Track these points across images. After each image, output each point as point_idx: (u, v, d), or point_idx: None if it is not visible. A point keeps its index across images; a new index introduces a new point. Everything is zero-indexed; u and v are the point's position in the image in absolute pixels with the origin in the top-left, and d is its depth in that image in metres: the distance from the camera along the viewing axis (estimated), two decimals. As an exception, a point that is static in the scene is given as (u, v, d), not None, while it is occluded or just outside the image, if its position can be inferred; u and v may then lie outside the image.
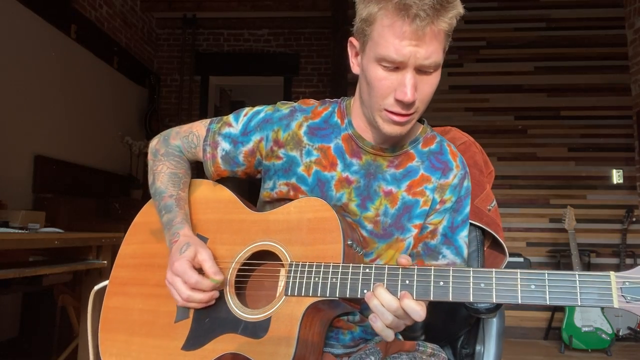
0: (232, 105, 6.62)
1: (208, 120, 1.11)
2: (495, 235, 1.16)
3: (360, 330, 1.00)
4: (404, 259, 0.79)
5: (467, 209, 1.04)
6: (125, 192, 4.45)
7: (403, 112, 0.88)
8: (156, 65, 5.32)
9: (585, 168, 4.27)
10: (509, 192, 4.29)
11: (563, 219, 3.79)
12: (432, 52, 0.84)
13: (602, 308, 3.58)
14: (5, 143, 3.03)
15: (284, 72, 5.20)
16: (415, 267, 0.78)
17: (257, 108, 1.07)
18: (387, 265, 0.80)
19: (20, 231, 1.94)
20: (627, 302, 0.67)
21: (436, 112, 4.45)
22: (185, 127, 1.12)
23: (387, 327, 0.77)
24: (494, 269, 0.74)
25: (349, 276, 0.82)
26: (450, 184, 1.01)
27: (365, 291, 0.80)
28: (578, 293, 0.69)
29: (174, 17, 5.23)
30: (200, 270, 0.90)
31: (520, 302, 0.71)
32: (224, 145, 1.06)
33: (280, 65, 5.20)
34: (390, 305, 0.75)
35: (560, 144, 4.32)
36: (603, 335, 3.53)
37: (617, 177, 4.21)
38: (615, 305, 0.67)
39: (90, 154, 3.99)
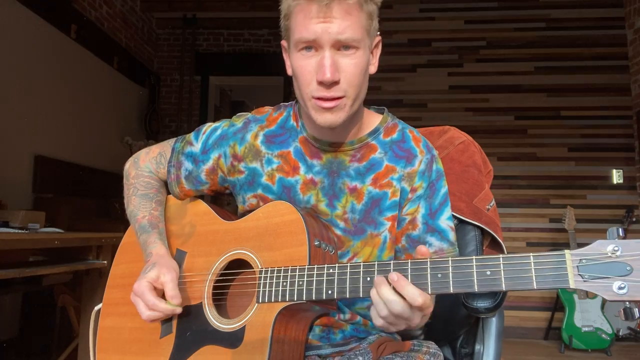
0: (232, 105, 6.62)
1: (174, 140, 1.12)
2: (494, 234, 1.16)
3: (351, 328, 0.99)
4: (424, 249, 0.77)
5: (443, 191, 1.01)
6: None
7: (328, 95, 0.86)
8: (156, 65, 5.32)
9: (585, 168, 4.27)
10: (509, 192, 4.29)
11: (563, 219, 3.79)
12: (346, 27, 0.83)
13: (602, 307, 3.58)
14: (5, 143, 3.03)
15: (284, 72, 5.14)
16: (376, 263, 0.77)
17: (215, 124, 1.08)
18: (349, 264, 0.79)
19: (20, 231, 1.94)
20: (584, 281, 0.63)
21: (436, 112, 4.45)
22: (154, 148, 1.14)
23: (380, 317, 0.75)
24: (450, 258, 0.72)
25: (314, 278, 0.81)
26: (417, 171, 0.98)
27: (329, 292, 0.79)
28: (533, 276, 0.66)
29: (174, 17, 5.23)
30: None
31: (477, 290, 0.69)
32: (187, 165, 1.07)
33: (280, 65, 5.08)
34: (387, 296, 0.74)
35: (560, 144, 4.32)
36: (603, 335, 3.52)
37: (617, 177, 4.21)
38: (572, 285, 0.63)
39: (90, 154, 3.99)
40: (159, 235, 1.02)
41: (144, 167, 1.12)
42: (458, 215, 1.15)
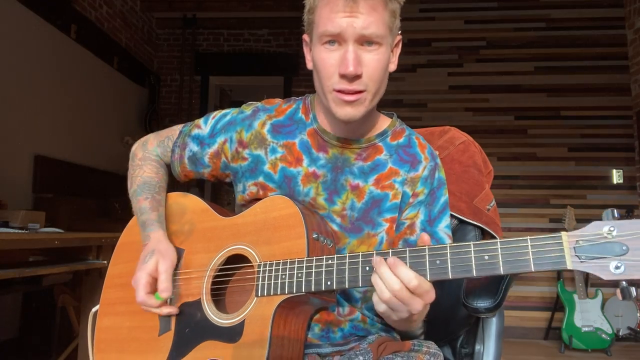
0: (232, 105, 6.62)
1: (182, 125, 1.14)
2: (495, 234, 1.16)
3: (350, 326, 0.99)
4: (426, 237, 0.78)
5: (443, 200, 1.03)
6: (125, 192, 4.43)
7: (350, 88, 0.87)
8: (156, 65, 5.32)
9: (585, 168, 4.27)
10: (509, 192, 4.29)
11: (563, 219, 3.80)
12: (370, 22, 0.85)
13: (602, 307, 3.58)
14: (5, 143, 3.03)
15: (284, 72, 5.19)
16: (375, 252, 0.78)
17: (225, 111, 1.10)
18: (347, 254, 0.80)
19: (20, 231, 1.94)
20: (581, 261, 0.64)
21: (436, 112, 4.45)
22: (162, 132, 1.15)
23: (382, 301, 0.76)
24: (448, 244, 0.73)
25: (313, 270, 0.81)
26: (421, 177, 1.00)
27: (329, 283, 0.80)
28: (530, 259, 0.67)
29: (174, 17, 5.23)
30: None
31: (475, 275, 0.70)
32: (192, 146, 1.08)
33: (280, 65, 5.19)
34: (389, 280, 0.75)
35: (560, 144, 4.32)
36: (603, 335, 3.53)
37: (617, 177, 4.22)
38: (569, 266, 0.64)
39: (90, 154, 3.99)
40: (158, 217, 1.03)
41: (152, 150, 1.14)
42: (458, 215, 1.16)
